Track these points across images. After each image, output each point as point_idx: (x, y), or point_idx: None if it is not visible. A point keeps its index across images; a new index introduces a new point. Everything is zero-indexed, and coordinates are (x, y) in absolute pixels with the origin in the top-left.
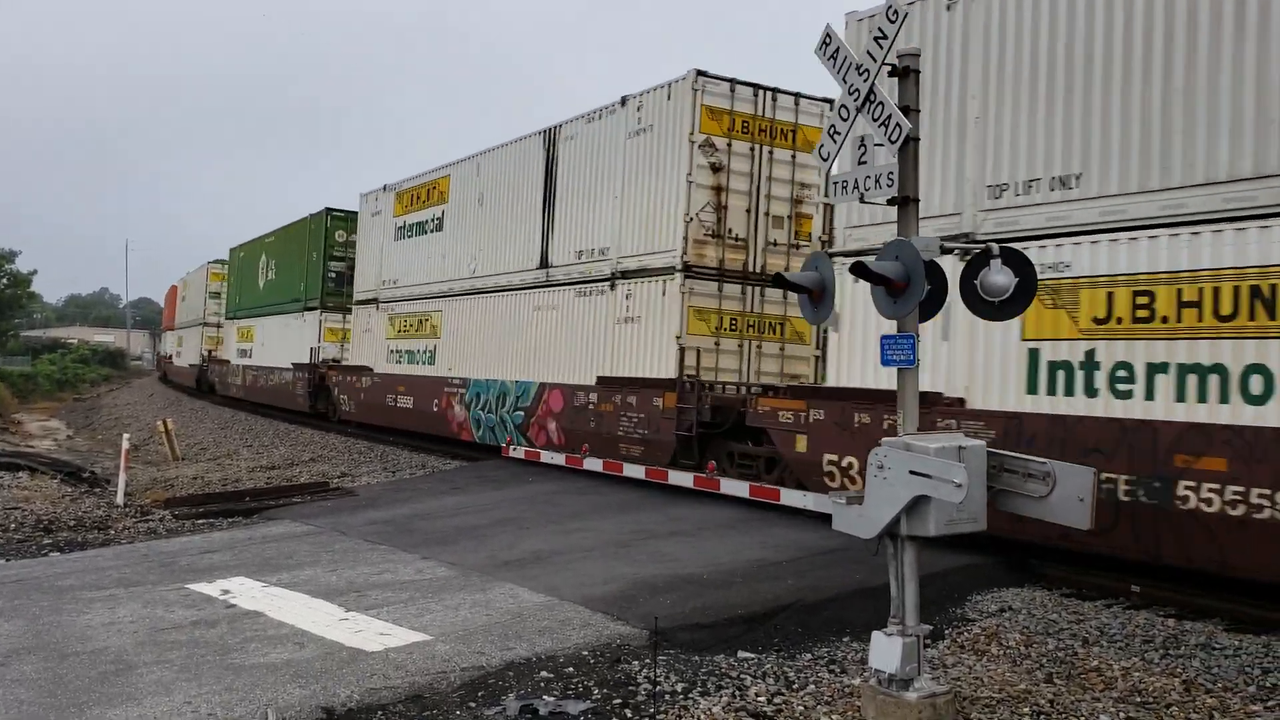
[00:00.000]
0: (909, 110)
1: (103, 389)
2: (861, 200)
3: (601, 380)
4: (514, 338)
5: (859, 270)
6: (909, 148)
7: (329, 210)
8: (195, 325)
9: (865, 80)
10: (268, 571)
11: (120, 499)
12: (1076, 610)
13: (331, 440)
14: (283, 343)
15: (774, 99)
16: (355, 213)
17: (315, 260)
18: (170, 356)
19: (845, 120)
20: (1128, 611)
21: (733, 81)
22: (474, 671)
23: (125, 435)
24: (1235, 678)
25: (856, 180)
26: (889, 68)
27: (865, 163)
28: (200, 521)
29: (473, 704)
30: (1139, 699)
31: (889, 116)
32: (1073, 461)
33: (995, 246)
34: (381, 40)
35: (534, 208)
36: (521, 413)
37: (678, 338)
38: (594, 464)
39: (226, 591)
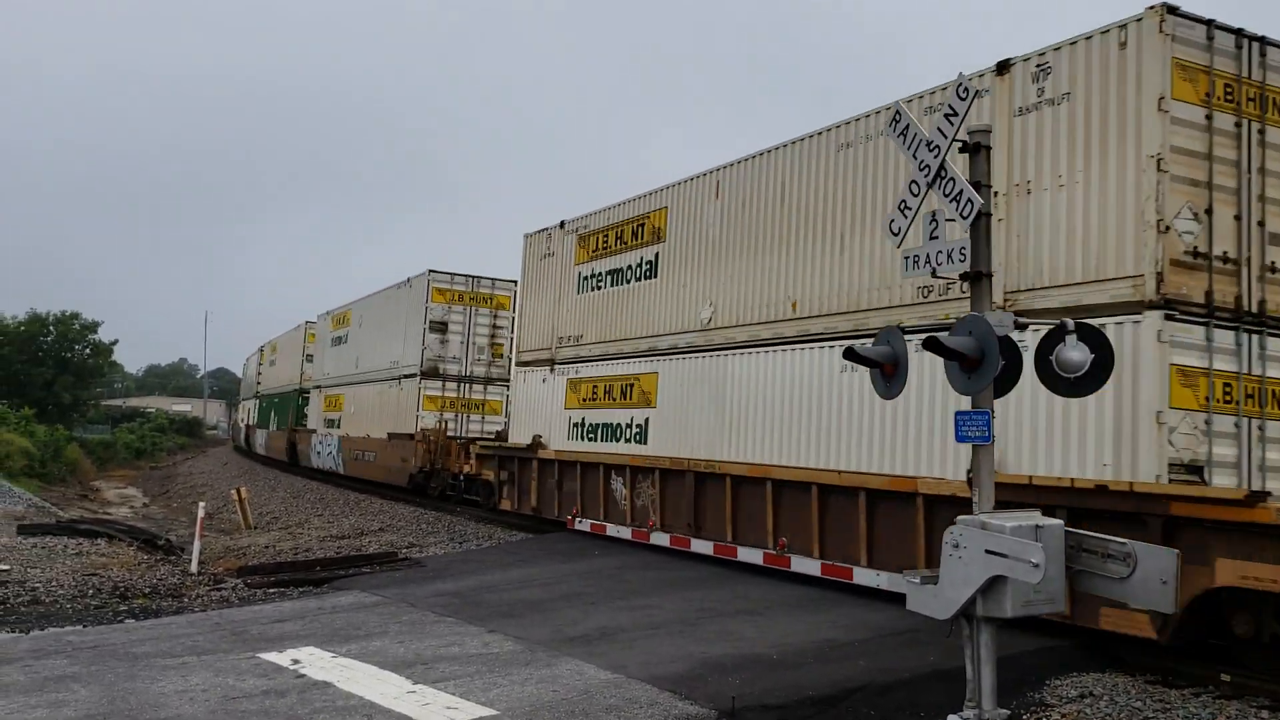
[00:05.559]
0: (980, 185)
1: (179, 457)
2: (933, 275)
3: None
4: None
5: (933, 345)
6: (981, 222)
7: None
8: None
9: (936, 156)
10: (337, 642)
11: (194, 567)
12: (1162, 698)
13: (399, 510)
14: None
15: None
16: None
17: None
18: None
19: (916, 195)
20: (1218, 701)
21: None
22: None
23: (201, 503)
24: None
25: (928, 255)
26: (959, 144)
27: (937, 238)
28: (272, 590)
29: None
30: None
31: (960, 192)
32: None
33: (1070, 322)
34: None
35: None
36: None
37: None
38: (661, 539)
39: (297, 661)
